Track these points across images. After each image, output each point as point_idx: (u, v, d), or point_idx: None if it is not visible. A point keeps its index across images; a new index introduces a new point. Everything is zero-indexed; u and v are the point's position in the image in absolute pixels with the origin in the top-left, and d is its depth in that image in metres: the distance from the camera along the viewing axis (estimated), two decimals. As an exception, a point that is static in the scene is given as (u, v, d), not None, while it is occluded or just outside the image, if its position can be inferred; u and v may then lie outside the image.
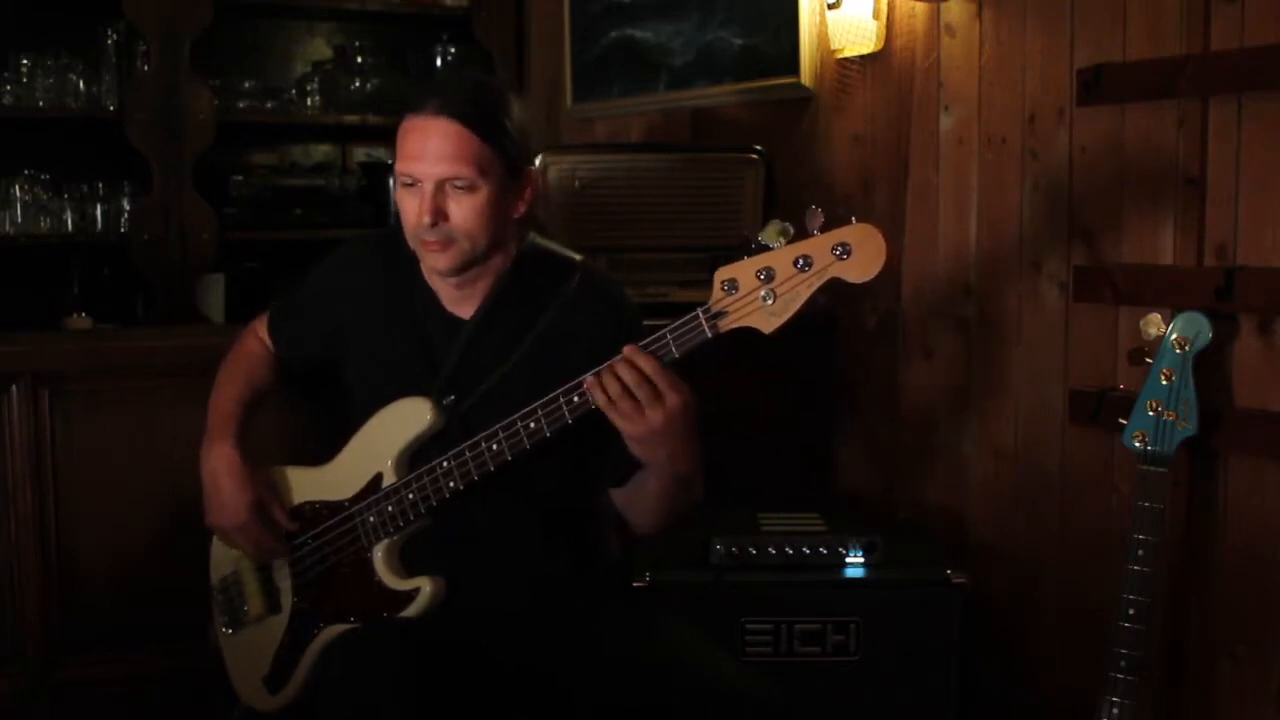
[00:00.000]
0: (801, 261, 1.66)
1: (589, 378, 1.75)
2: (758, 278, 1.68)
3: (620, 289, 2.05)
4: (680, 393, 1.73)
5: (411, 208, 1.88)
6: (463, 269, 1.92)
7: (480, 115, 1.85)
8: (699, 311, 1.72)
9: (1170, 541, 2.15)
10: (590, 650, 1.93)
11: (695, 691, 1.84)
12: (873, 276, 1.65)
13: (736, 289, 1.69)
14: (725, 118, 3.39)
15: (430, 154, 1.84)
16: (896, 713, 2.34)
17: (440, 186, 1.85)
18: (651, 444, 1.76)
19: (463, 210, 1.86)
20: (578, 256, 2.03)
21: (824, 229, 1.66)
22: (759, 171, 2.96)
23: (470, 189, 1.86)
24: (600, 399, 1.74)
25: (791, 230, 1.67)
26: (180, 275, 3.81)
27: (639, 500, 1.95)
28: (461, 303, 1.99)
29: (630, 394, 1.72)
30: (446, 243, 1.88)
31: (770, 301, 1.68)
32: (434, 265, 1.92)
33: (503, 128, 1.87)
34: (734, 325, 1.71)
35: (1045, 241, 2.50)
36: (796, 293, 1.67)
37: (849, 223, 1.66)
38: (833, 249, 1.65)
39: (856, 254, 1.64)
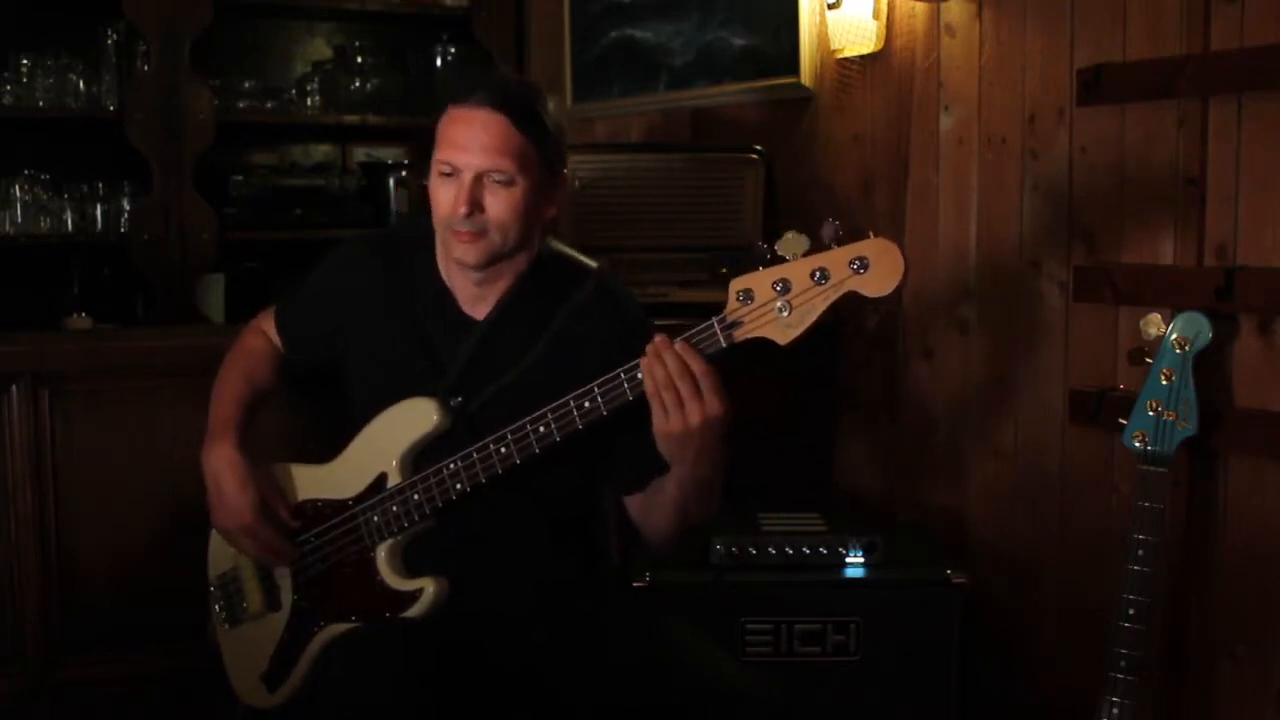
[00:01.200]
0: (818, 274, 1.66)
1: (643, 359, 1.73)
2: (774, 289, 1.68)
3: (633, 298, 2.05)
4: (722, 400, 1.72)
5: (447, 197, 1.88)
6: (489, 263, 1.91)
7: (525, 111, 1.86)
8: (714, 321, 1.72)
9: (1170, 541, 2.15)
10: (592, 652, 1.93)
11: (696, 692, 1.84)
12: (889, 291, 1.64)
13: (752, 299, 1.69)
14: (725, 118, 3.39)
15: (474, 145, 1.84)
16: (896, 713, 2.34)
17: (479, 178, 1.85)
18: (682, 442, 1.75)
19: (499, 204, 1.86)
20: (594, 263, 2.02)
21: (841, 241, 1.66)
22: (759, 171, 2.96)
23: (509, 183, 1.86)
24: (648, 384, 1.73)
25: (808, 242, 1.67)
26: (180, 275, 3.81)
27: (656, 507, 1.94)
28: (477, 303, 1.99)
29: (676, 385, 1.71)
30: (478, 234, 1.87)
31: (786, 313, 1.68)
32: (462, 257, 1.91)
33: (544, 126, 1.89)
34: (749, 335, 1.71)
35: (1045, 241, 2.50)
36: (812, 305, 1.67)
37: (867, 236, 1.65)
38: (850, 263, 1.65)
39: (874, 268, 1.64)
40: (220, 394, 2.10)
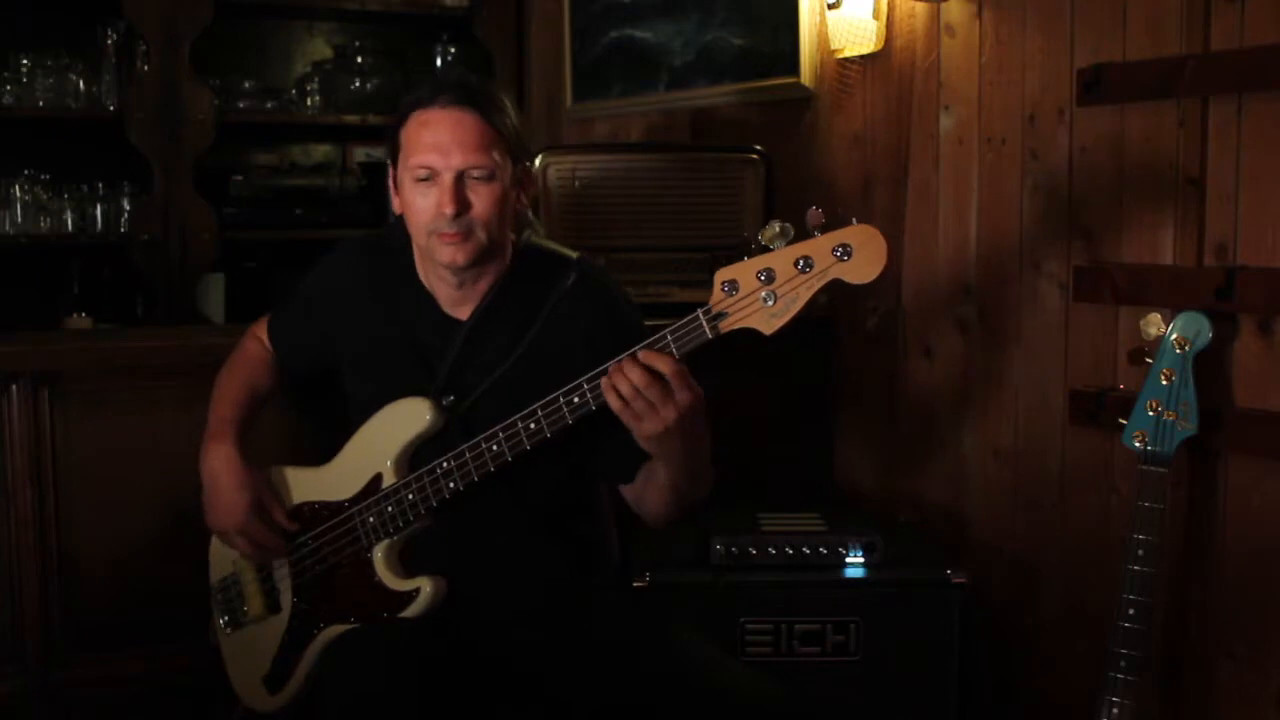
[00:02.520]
0: (802, 263, 1.66)
1: (604, 379, 1.75)
2: (758, 279, 1.68)
3: (616, 286, 2.05)
4: (692, 390, 1.73)
5: (427, 203, 1.87)
6: (476, 262, 1.91)
7: (490, 104, 1.87)
8: (699, 312, 1.72)
9: (1170, 541, 2.15)
10: (591, 652, 1.93)
11: (696, 691, 1.84)
12: (873, 278, 1.65)
13: (737, 290, 1.69)
14: (725, 118, 3.39)
15: (450, 144, 1.84)
16: (896, 713, 2.34)
17: (460, 177, 1.85)
18: (663, 440, 1.76)
19: (482, 200, 1.86)
20: (573, 254, 2.02)
21: (824, 230, 1.66)
22: (759, 171, 2.95)
23: (489, 178, 1.86)
24: (614, 400, 1.73)
25: (792, 231, 1.68)
26: (180, 275, 3.81)
27: (651, 492, 1.94)
28: (459, 304, 1.99)
29: (642, 395, 1.72)
30: (467, 234, 1.87)
31: (771, 303, 1.68)
32: (450, 259, 1.89)
33: (509, 116, 1.90)
34: (734, 326, 1.71)
35: (1045, 241, 2.50)
36: (797, 294, 1.67)
37: (850, 224, 1.65)
38: (833, 250, 1.65)
39: (857, 255, 1.64)
40: (219, 397, 2.11)
